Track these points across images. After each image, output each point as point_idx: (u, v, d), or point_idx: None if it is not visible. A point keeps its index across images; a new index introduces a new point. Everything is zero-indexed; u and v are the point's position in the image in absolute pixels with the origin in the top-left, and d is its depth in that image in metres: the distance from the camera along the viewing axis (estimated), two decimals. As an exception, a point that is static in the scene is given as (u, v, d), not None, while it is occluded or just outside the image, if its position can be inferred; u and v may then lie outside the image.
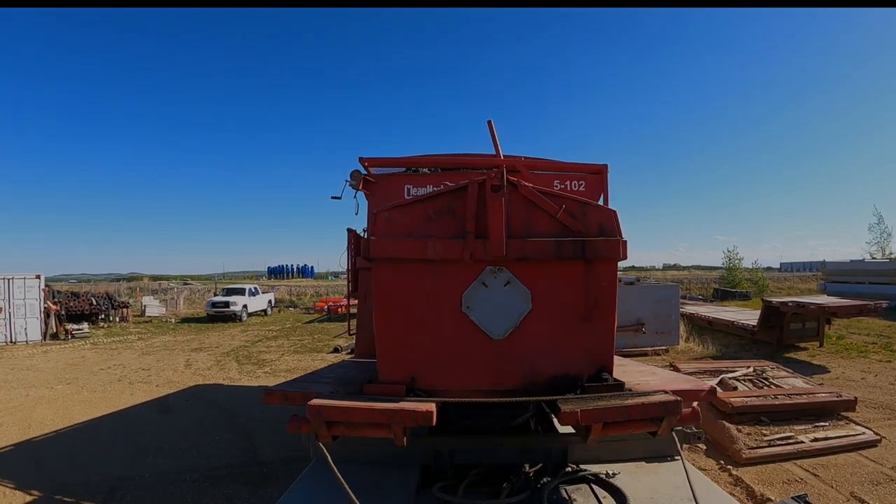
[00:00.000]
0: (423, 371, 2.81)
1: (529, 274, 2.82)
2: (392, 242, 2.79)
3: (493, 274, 2.82)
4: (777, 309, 12.54)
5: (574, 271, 2.82)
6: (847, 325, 16.07)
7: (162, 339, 18.10)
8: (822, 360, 11.82)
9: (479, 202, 2.79)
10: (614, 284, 2.87)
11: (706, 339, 14.06)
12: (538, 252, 2.78)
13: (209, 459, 6.29)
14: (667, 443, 3.07)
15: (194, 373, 11.82)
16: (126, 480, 5.72)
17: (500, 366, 2.83)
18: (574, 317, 2.83)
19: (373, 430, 2.43)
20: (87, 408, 8.87)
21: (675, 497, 2.59)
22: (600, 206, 3.00)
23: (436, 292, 2.82)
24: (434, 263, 2.79)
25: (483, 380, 2.84)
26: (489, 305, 2.82)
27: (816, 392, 7.60)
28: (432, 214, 2.84)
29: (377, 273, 2.84)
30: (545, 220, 2.83)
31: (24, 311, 17.95)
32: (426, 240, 2.78)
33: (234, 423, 7.80)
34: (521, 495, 2.58)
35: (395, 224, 2.85)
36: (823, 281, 31.94)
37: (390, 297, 2.83)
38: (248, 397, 9.47)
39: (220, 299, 25.21)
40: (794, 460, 6.06)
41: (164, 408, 8.86)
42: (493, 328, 2.81)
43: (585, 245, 2.78)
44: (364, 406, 2.43)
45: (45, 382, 10.97)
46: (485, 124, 5.01)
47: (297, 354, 14.34)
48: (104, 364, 13.08)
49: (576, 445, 3.01)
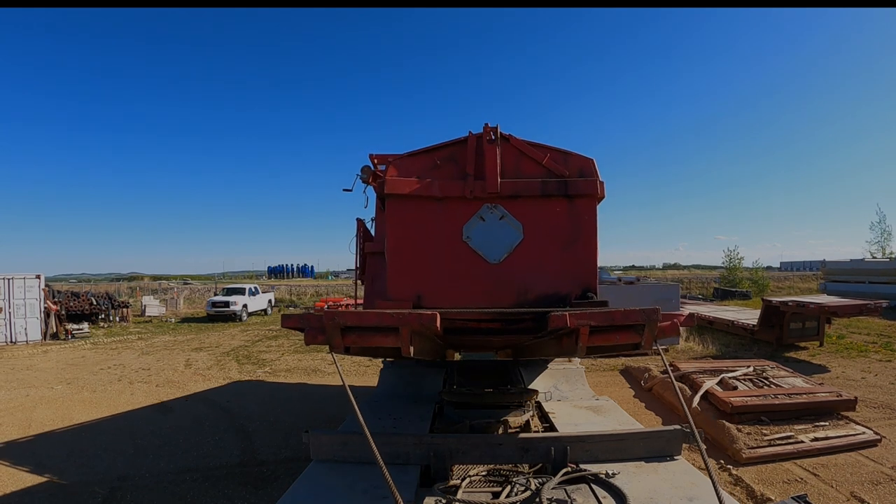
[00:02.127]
0: (427, 291, 3.18)
1: (521, 210, 3.25)
2: (403, 181, 3.21)
3: (490, 210, 3.26)
4: (777, 308, 12.54)
5: (559, 207, 3.27)
6: (847, 325, 16.06)
7: (162, 339, 18.09)
8: (822, 360, 11.81)
9: (477, 151, 3.25)
10: (594, 219, 3.30)
11: (706, 338, 14.06)
12: (527, 190, 3.24)
13: (209, 459, 6.29)
14: (667, 443, 3.12)
15: (194, 373, 11.81)
16: (126, 480, 5.72)
17: (496, 286, 3.21)
18: (560, 245, 3.26)
19: (382, 337, 2.58)
20: (88, 408, 8.87)
21: (674, 497, 2.60)
22: (580, 155, 3.38)
23: (440, 224, 3.23)
24: (439, 200, 3.23)
25: (481, 298, 3.18)
26: (486, 236, 3.25)
27: (816, 392, 7.60)
28: (438, 162, 3.28)
29: (390, 208, 3.26)
30: (533, 166, 3.30)
31: (24, 311, 17.92)
32: (432, 180, 3.22)
33: (234, 423, 7.80)
34: (521, 495, 2.60)
35: (406, 169, 3.27)
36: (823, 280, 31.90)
37: (401, 228, 3.24)
38: (248, 397, 9.49)
39: (220, 299, 25.18)
40: (794, 460, 6.05)
41: (165, 408, 8.86)
42: (490, 254, 3.23)
43: (568, 184, 3.25)
44: (375, 311, 2.62)
45: (45, 382, 10.96)
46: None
47: (298, 354, 14.34)
48: (104, 364, 13.08)
49: (576, 445, 3.05)
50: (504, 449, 3.10)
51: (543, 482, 2.68)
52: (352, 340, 2.61)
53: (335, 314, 2.55)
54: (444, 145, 3.34)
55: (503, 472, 2.98)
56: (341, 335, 2.58)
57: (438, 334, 2.90)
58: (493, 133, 3.27)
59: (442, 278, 3.22)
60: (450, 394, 4.24)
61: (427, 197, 3.23)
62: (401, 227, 3.26)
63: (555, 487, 2.66)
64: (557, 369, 5.19)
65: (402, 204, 3.25)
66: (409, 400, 4.58)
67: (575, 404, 4.49)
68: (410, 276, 3.21)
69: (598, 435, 3.14)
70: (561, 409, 4.25)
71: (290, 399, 9.25)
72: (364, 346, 2.66)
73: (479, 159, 3.25)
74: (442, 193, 3.23)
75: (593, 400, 4.66)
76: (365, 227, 5.65)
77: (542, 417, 4.18)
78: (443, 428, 3.87)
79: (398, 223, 3.27)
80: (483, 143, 3.26)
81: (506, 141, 3.29)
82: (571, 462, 3.00)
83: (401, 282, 3.21)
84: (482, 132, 3.28)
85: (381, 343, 2.61)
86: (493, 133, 3.27)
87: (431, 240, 3.24)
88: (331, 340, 2.58)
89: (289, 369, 12.19)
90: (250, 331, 20.48)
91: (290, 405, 8.78)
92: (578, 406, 4.42)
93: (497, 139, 3.26)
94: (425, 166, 3.28)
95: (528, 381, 4.85)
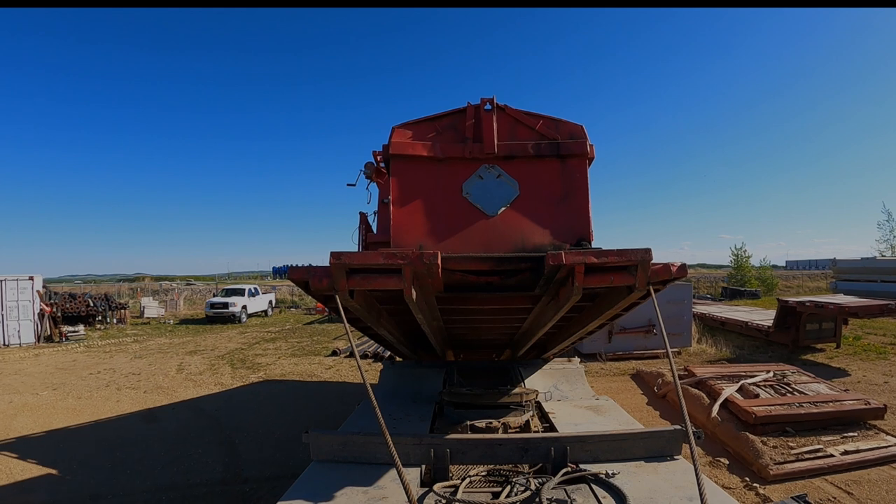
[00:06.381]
0: (429, 241, 3.33)
1: (516, 169, 3.48)
2: (407, 143, 3.44)
3: (487, 169, 3.48)
4: (794, 309, 12.00)
5: (552, 166, 3.49)
6: (862, 325, 15.51)
7: (157, 342, 17.68)
8: (840, 363, 11.30)
9: (475, 119, 3.48)
10: (585, 176, 3.50)
11: (719, 340, 13.53)
12: (522, 151, 3.47)
13: (190, 475, 5.83)
14: (667, 443, 3.13)
15: (185, 378, 11.35)
16: (98, 500, 5.27)
17: (494, 238, 3.39)
18: (554, 200, 3.46)
19: (385, 279, 2.66)
20: (70, 415, 8.44)
21: (674, 497, 2.57)
22: (570, 122, 3.58)
23: (441, 182, 3.44)
24: (440, 161, 3.45)
25: (480, 248, 3.33)
26: (484, 192, 3.45)
27: (843, 399, 7.09)
28: (440, 129, 3.50)
29: (394, 168, 3.45)
30: (527, 132, 3.53)
31: (17, 313, 17.53)
32: (434, 143, 3.47)
33: (221, 434, 7.33)
34: (521, 495, 2.57)
35: (410, 134, 3.49)
36: (834, 279, 31.29)
37: (404, 185, 3.43)
38: (239, 405, 9.04)
39: (219, 300, 24.75)
40: (824, 476, 5.56)
41: (150, 416, 8.42)
42: (488, 208, 3.43)
43: (559, 145, 3.48)
44: (380, 251, 2.70)
45: (31, 388, 10.54)
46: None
47: (294, 358, 13.88)
48: (94, 368, 12.65)
49: (576, 445, 3.04)
50: (504, 449, 3.08)
51: (543, 482, 2.67)
52: (356, 283, 2.67)
53: (341, 254, 2.60)
54: (446, 114, 3.54)
55: (503, 472, 2.97)
56: (346, 277, 2.63)
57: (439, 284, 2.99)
58: (489, 103, 3.50)
59: (443, 230, 3.38)
60: (450, 394, 4.24)
61: (429, 157, 3.44)
62: (405, 184, 3.43)
63: (555, 487, 2.65)
64: (557, 369, 5.16)
65: (406, 164, 3.45)
66: (409, 400, 4.62)
67: (575, 404, 4.50)
68: (413, 227, 3.37)
69: (598, 435, 3.15)
70: (561, 409, 4.27)
71: (282, 407, 8.77)
72: (368, 288, 2.72)
73: (478, 125, 3.47)
74: (443, 154, 3.45)
75: (593, 400, 4.65)
76: (367, 220, 5.90)
77: (542, 417, 4.21)
78: (443, 428, 3.91)
79: (402, 181, 3.44)
80: (481, 111, 3.49)
81: (501, 110, 3.51)
82: (571, 462, 2.98)
83: (403, 233, 3.35)
84: (479, 103, 3.50)
85: (385, 286, 2.67)
86: (490, 103, 3.50)
87: (433, 195, 3.43)
88: (336, 283, 2.62)
89: (283, 374, 11.73)
90: (249, 333, 20.06)
91: (282, 414, 8.30)
92: (578, 406, 4.43)
93: (493, 108, 3.49)
94: (428, 132, 3.50)
95: (527, 381, 4.84)
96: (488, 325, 5.14)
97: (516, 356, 5.74)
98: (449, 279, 3.09)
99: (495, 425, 3.75)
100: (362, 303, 3.12)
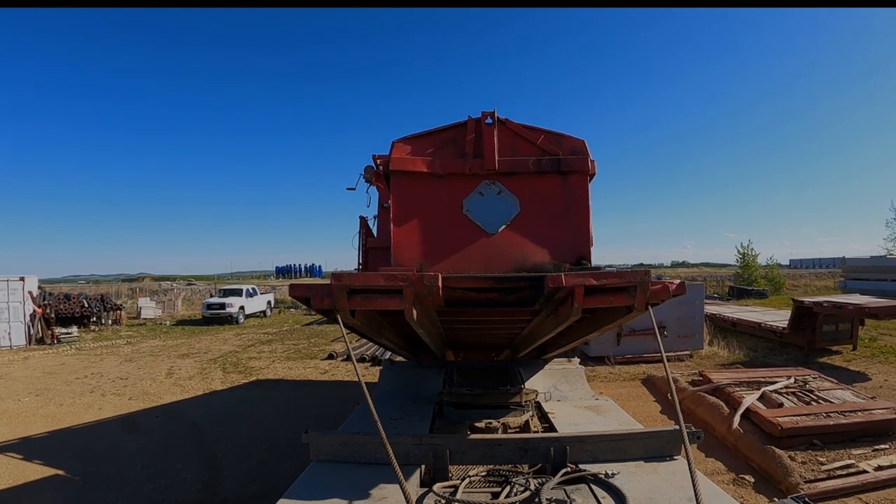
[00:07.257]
0: (429, 260, 3.29)
1: (517, 185, 3.42)
2: (407, 159, 3.38)
3: (488, 185, 3.43)
4: (810, 309, 11.47)
5: (553, 182, 3.44)
6: (876, 326, 14.94)
7: (150, 344, 17.24)
8: (859, 366, 10.79)
9: (476, 133, 3.42)
10: (586, 193, 3.45)
11: (731, 342, 12.99)
12: (523, 167, 3.41)
13: (165, 493, 5.37)
14: (667, 443, 3.13)
15: (174, 383, 10.88)
16: (61, 523, 4.81)
17: (495, 256, 3.35)
18: (555, 217, 3.42)
19: (386, 300, 2.64)
20: (49, 423, 8.01)
21: (674, 497, 2.57)
22: (572, 136, 3.51)
23: (441, 199, 3.40)
24: (440, 177, 3.39)
25: (480, 267, 3.30)
26: (485, 209, 3.40)
27: (872, 408, 6.58)
28: (440, 143, 3.45)
29: (394, 184, 3.41)
30: (528, 147, 3.46)
31: (7, 315, 17.11)
32: (434, 158, 3.41)
33: (203, 445, 6.86)
34: (521, 495, 2.57)
35: (409, 148, 3.43)
36: (843, 278, 30.73)
37: (404, 201, 3.38)
38: (225, 413, 8.56)
39: (216, 301, 24.30)
40: (857, 494, 5.08)
41: (132, 425, 7.96)
42: (488, 225, 3.39)
43: (560, 161, 3.42)
44: (380, 272, 2.73)
45: (14, 394, 10.10)
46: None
47: (289, 361, 13.41)
48: (82, 373, 12.20)
49: (575, 445, 3.04)
50: (504, 449, 3.09)
51: (543, 482, 2.67)
52: (357, 303, 2.65)
53: (342, 276, 2.62)
54: (446, 128, 3.48)
55: (503, 472, 2.98)
56: (347, 297, 2.61)
57: (439, 301, 2.95)
58: (490, 117, 3.44)
59: (443, 248, 3.34)
60: (450, 394, 4.24)
61: (429, 173, 3.38)
62: (405, 200, 3.39)
63: (554, 487, 2.64)
64: (557, 369, 5.13)
65: (406, 180, 3.40)
66: (409, 400, 4.60)
67: (574, 404, 4.50)
68: (413, 246, 3.33)
69: (597, 435, 3.15)
70: (560, 409, 4.27)
71: (272, 416, 8.29)
72: (369, 308, 2.72)
73: (478, 140, 3.41)
74: (443, 170, 3.38)
75: (593, 400, 4.65)
76: (367, 224, 5.96)
77: (542, 417, 4.23)
78: (442, 428, 3.95)
79: (402, 197, 3.39)
80: (481, 125, 3.42)
81: (502, 124, 3.45)
82: (571, 462, 2.97)
83: (404, 252, 3.32)
84: (480, 116, 3.43)
85: (386, 306, 2.66)
86: (491, 117, 3.44)
87: (433, 212, 3.39)
88: (337, 303, 2.61)
89: (277, 379, 11.27)
90: (245, 334, 19.61)
91: (271, 423, 7.83)
92: (578, 406, 4.44)
93: (494, 122, 3.42)
94: (427, 146, 3.44)
95: (527, 382, 4.81)
96: (488, 332, 4.99)
97: (516, 357, 5.71)
98: (449, 296, 3.06)
99: (495, 425, 3.76)
100: (363, 320, 3.08)
